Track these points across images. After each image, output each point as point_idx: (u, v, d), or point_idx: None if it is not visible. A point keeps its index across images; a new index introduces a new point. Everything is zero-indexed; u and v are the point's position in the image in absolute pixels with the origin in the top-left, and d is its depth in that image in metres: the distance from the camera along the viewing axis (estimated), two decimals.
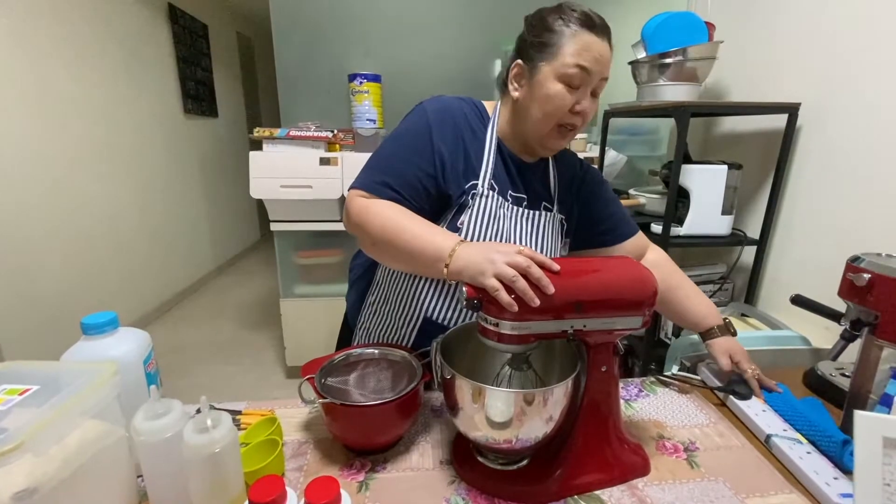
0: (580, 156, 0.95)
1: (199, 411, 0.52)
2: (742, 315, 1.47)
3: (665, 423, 0.79)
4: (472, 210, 0.78)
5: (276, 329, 2.70)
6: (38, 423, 0.45)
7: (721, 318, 0.89)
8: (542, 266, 0.59)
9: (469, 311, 0.81)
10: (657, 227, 1.51)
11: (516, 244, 0.75)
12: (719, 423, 0.79)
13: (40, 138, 2.21)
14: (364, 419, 0.65)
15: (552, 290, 0.57)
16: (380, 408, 0.64)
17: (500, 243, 0.66)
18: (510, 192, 0.83)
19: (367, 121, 2.16)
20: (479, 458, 0.66)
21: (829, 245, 1.34)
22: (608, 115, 1.89)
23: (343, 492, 0.48)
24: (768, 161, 1.52)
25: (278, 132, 1.99)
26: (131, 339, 0.63)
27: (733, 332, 0.88)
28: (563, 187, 0.89)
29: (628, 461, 0.66)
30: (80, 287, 2.46)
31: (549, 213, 0.86)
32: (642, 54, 1.58)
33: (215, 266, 4.05)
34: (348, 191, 0.79)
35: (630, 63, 1.64)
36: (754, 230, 1.57)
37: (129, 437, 0.54)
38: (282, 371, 2.51)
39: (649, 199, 1.72)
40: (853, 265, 0.74)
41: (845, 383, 0.84)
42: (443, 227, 0.78)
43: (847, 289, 0.74)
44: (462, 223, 0.78)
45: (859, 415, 0.52)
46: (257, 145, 2.03)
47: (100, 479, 0.53)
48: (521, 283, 0.57)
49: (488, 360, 0.74)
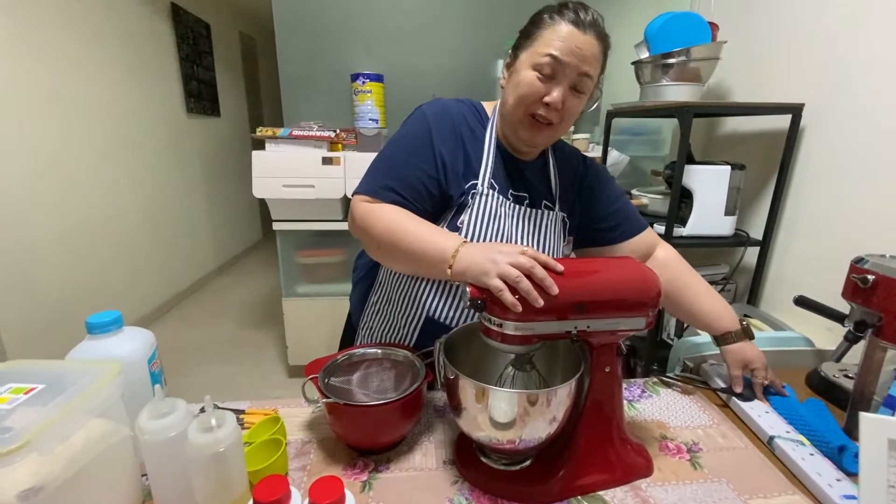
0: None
1: (203, 410, 0.52)
2: (745, 316, 1.46)
3: (668, 423, 0.79)
4: (473, 209, 0.78)
5: (278, 329, 2.70)
6: (44, 423, 0.45)
7: (737, 321, 0.83)
8: (545, 266, 0.59)
9: (471, 311, 0.81)
10: (660, 228, 1.50)
11: (519, 244, 0.76)
12: (722, 425, 0.79)
13: (43, 138, 2.22)
14: (367, 419, 0.65)
15: (556, 290, 0.57)
16: (383, 408, 0.64)
17: (504, 244, 0.66)
18: (511, 190, 0.83)
19: (370, 120, 2.16)
20: (483, 459, 0.66)
21: (832, 246, 1.33)
22: (611, 115, 1.88)
23: (347, 491, 0.48)
24: (771, 161, 1.52)
25: (281, 132, 1.99)
26: (136, 339, 0.63)
27: (751, 337, 0.83)
28: (564, 185, 0.89)
29: (631, 462, 0.66)
30: (83, 286, 2.46)
31: (550, 211, 0.86)
32: (645, 54, 1.58)
33: (217, 266, 4.06)
34: (352, 196, 0.79)
35: (633, 63, 1.64)
36: (757, 231, 1.56)
37: (133, 436, 0.54)
38: (283, 370, 2.51)
39: (652, 199, 1.71)
40: (857, 266, 0.74)
41: (849, 385, 0.84)
42: (443, 228, 0.78)
43: (851, 290, 0.74)
44: (462, 222, 0.78)
45: (864, 417, 0.52)
46: (260, 145, 2.03)
47: (104, 478, 0.54)
48: (525, 284, 0.57)
49: (491, 360, 0.74)
